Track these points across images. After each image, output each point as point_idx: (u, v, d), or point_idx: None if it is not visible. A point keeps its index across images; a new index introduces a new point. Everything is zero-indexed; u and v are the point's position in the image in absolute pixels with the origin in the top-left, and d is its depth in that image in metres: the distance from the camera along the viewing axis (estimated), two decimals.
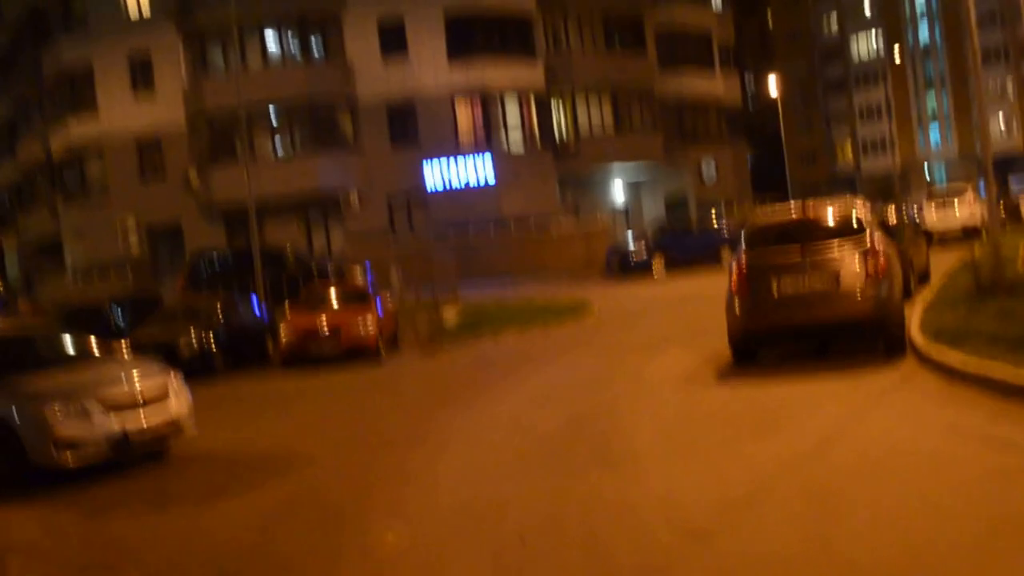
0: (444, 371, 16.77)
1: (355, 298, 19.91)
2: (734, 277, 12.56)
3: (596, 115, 44.89)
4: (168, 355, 18.16)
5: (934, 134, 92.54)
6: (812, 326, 12.21)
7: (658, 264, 33.21)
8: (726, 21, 53.25)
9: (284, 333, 18.58)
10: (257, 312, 21.26)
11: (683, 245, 34.13)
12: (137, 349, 18.39)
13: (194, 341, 18.50)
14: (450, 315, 21.40)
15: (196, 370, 18.23)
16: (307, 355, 18.26)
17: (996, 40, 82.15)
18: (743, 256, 12.59)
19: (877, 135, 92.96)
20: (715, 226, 35.97)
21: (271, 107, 39.62)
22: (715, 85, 50.64)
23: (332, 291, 20.67)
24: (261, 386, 17.34)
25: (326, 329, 18.39)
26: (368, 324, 18.46)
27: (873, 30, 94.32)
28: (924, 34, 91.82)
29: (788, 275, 12.13)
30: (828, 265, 12.08)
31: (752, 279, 12.32)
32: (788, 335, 12.60)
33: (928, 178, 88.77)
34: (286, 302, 21.34)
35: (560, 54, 43.90)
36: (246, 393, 16.72)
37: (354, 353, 18.27)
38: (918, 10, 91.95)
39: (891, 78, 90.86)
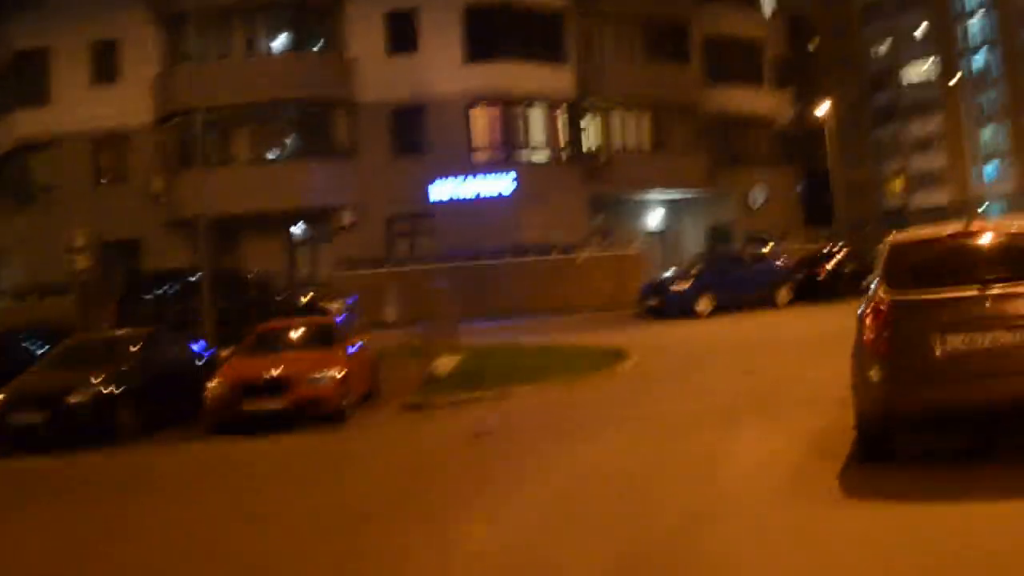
0: (426, 447, 12.02)
1: (317, 340, 15.14)
2: (870, 325, 8.29)
3: (632, 130, 40.38)
4: (54, 411, 13.50)
5: (989, 169, 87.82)
6: (999, 404, 7.98)
7: (703, 302, 28.37)
8: (778, 33, 48.49)
9: (214, 384, 13.75)
10: (196, 353, 16.49)
11: (732, 280, 29.25)
12: (16, 402, 13.78)
13: (90, 392, 13.63)
14: (447, 363, 16.51)
15: (91, 433, 13.51)
16: (242, 415, 13.43)
17: None
18: (884, 295, 8.29)
19: (928, 168, 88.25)
20: (770, 259, 31.24)
21: (255, 105, 34.85)
22: (765, 103, 46.02)
23: (288, 330, 15.87)
24: (168, 462, 12.46)
25: (270, 380, 13.58)
26: (328, 375, 13.63)
27: (927, 57, 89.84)
28: (981, 62, 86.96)
29: (959, 326, 7.99)
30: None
31: (901, 331, 8.10)
32: (960, 417, 8.41)
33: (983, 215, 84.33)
34: (232, 343, 16.49)
35: (594, 60, 39.34)
36: (139, 472, 11.91)
37: (310, 413, 13.48)
38: (975, 37, 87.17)
39: (945, 108, 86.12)
